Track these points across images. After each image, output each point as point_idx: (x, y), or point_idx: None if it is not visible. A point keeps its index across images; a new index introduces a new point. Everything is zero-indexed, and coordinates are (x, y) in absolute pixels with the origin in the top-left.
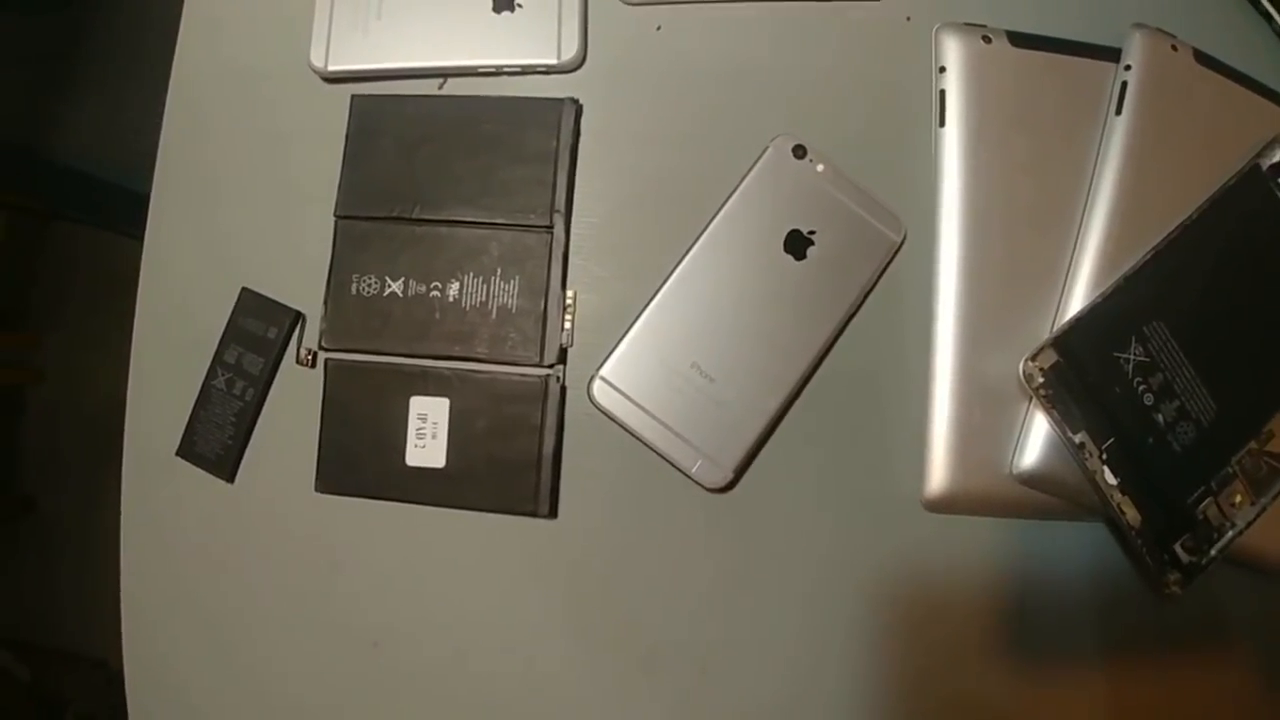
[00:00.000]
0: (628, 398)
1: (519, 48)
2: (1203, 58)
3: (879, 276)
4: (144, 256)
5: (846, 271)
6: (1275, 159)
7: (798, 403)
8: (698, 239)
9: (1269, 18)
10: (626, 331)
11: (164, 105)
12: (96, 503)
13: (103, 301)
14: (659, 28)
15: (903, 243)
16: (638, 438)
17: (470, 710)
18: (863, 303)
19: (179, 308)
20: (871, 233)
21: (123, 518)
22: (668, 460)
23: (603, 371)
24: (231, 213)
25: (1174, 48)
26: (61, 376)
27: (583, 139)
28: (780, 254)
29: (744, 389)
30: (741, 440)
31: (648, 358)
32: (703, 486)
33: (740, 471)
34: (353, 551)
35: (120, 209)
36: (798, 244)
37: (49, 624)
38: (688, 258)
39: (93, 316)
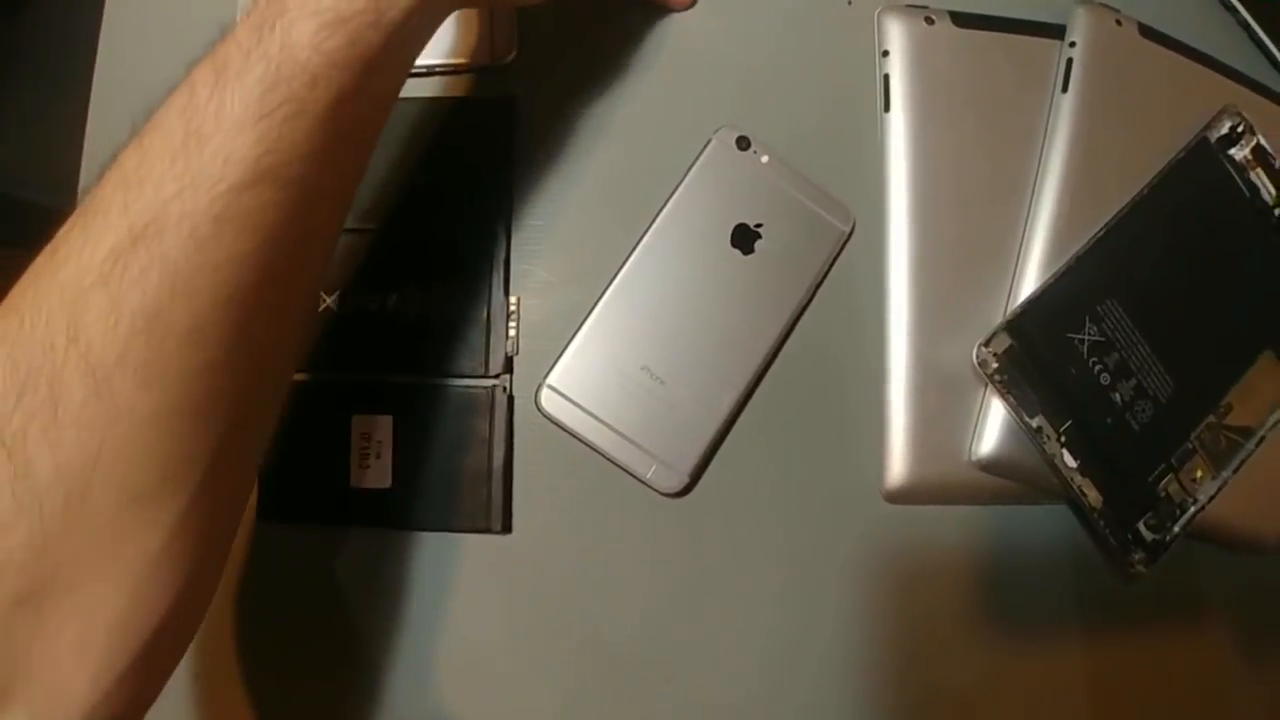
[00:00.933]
0: (577, 405)
1: (451, 46)
2: (1148, 31)
3: (829, 267)
4: None
5: (796, 264)
6: (1223, 131)
7: (752, 401)
8: (642, 237)
9: None
10: (572, 337)
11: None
12: None
13: None
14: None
15: (852, 232)
16: (590, 445)
17: None
18: (814, 295)
19: None
20: (820, 223)
21: None
22: (621, 467)
23: (550, 379)
24: None
25: (1118, 22)
26: None
27: (520, 138)
28: (728, 249)
29: (696, 390)
30: (696, 442)
31: (596, 363)
32: (658, 492)
33: (696, 474)
34: (301, 579)
35: (47, 230)
36: (745, 238)
37: None
38: (633, 257)
39: None
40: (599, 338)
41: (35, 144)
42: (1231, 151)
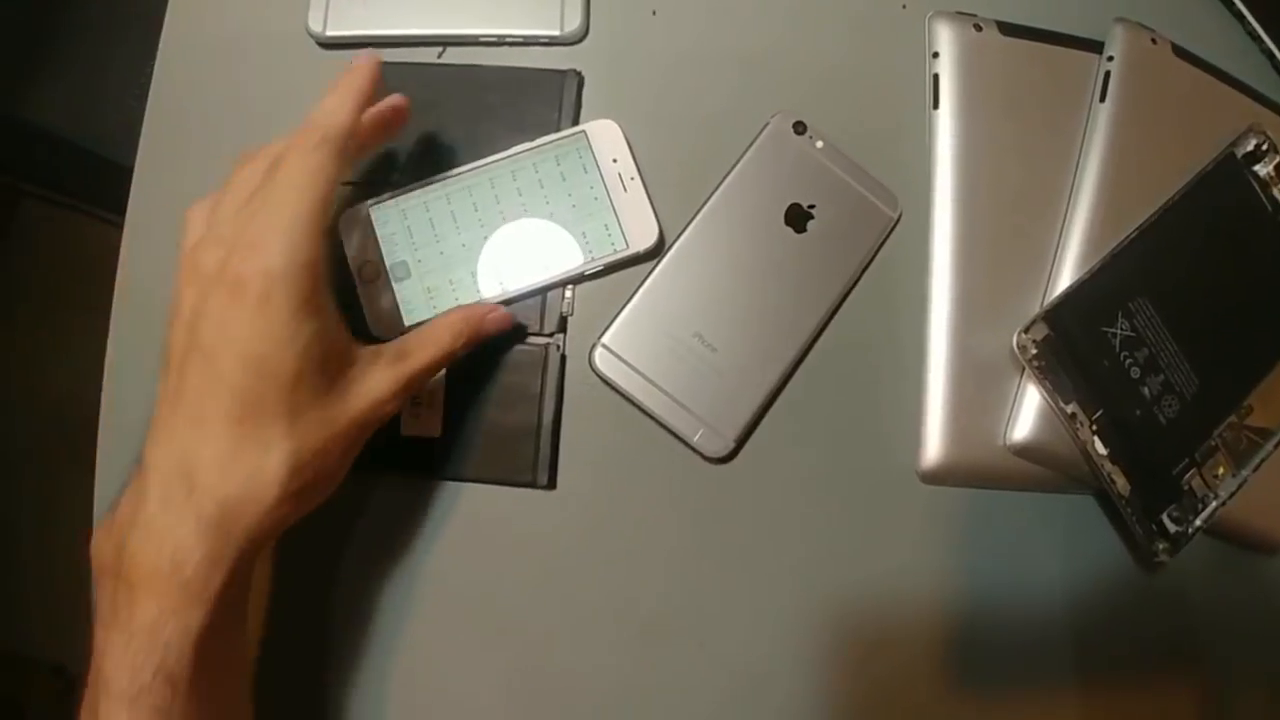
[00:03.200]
0: (630, 365)
1: (521, 18)
2: (1180, 52)
3: (876, 251)
4: (125, 232)
5: (845, 245)
6: (1249, 148)
7: (796, 375)
8: (699, 210)
9: (1241, 18)
10: (629, 300)
11: (147, 72)
12: (54, 504)
13: (63, 290)
14: (654, 13)
15: (899, 219)
16: (639, 406)
17: (462, 685)
18: (860, 276)
19: (163, 287)
20: (869, 208)
21: (96, 517)
22: (669, 429)
23: (605, 339)
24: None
25: (1153, 41)
26: (14, 371)
27: (586, 111)
28: (781, 227)
29: (745, 359)
30: (743, 410)
31: (650, 327)
32: (703, 456)
33: (741, 441)
34: (343, 525)
35: (92, 185)
36: (798, 217)
37: (2, 628)
38: (690, 229)
39: (51, 306)
40: (654, 303)
41: (92, 97)
42: (1256, 167)
